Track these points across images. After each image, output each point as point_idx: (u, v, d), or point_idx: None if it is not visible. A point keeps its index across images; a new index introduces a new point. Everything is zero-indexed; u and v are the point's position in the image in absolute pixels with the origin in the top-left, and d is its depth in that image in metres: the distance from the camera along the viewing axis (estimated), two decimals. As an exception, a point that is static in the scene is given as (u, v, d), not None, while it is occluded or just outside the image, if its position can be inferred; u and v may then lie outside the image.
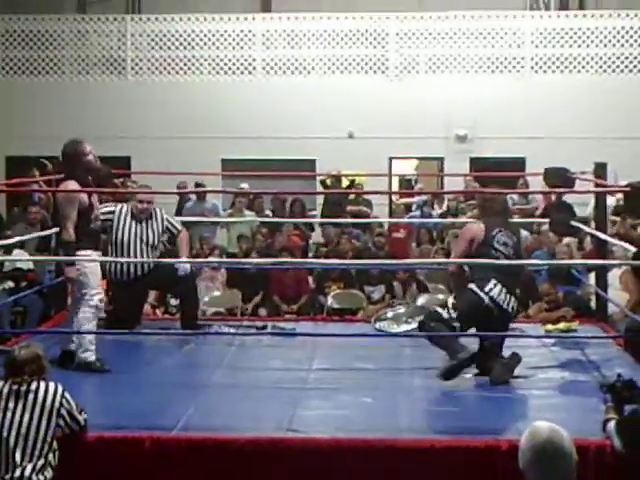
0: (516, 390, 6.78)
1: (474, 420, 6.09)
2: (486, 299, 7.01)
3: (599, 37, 17.16)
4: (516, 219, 13.44)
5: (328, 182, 15.34)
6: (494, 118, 16.70)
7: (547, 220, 10.03)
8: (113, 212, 8.58)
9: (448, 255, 11.00)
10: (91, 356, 7.23)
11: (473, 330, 7.23)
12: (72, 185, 7.29)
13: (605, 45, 17.18)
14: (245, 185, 14.95)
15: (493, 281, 7.03)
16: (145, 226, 8.59)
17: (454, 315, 7.00)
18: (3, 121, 17.21)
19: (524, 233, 13.11)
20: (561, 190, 9.48)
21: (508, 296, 7.09)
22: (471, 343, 7.10)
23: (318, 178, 15.80)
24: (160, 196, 10.80)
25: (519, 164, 16.16)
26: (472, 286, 7.08)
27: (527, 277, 10.89)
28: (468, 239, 7.30)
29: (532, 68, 17.30)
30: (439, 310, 7.12)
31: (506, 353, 7.14)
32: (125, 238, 8.51)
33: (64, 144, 7.54)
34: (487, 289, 7.02)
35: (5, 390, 5.25)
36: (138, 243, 8.52)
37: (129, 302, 8.55)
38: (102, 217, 7.99)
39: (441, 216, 14.26)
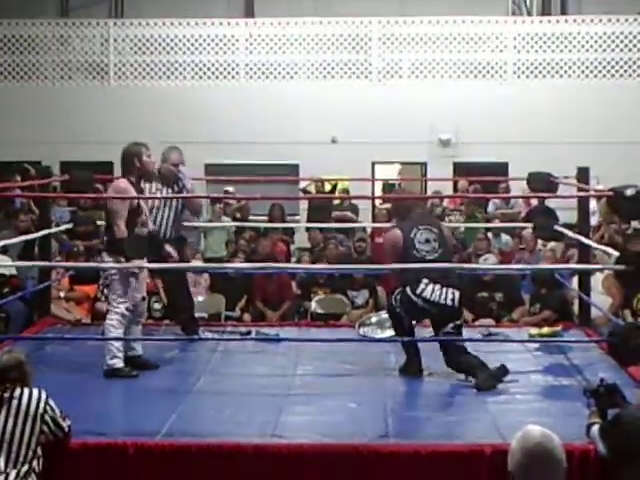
0: (500, 395, 6.78)
1: (458, 425, 6.10)
2: (419, 302, 7.13)
3: (581, 42, 17.24)
4: (499, 223, 13.62)
5: (312, 188, 15.32)
6: (477, 123, 16.75)
7: (530, 225, 10.06)
8: None
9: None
10: (119, 362, 7.21)
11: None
12: (122, 183, 7.34)
13: (587, 50, 17.26)
14: (230, 188, 14.90)
15: (424, 281, 7.13)
16: (171, 190, 8.48)
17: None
18: (-15, 126, 17.18)
19: (505, 237, 13.18)
20: (544, 195, 9.52)
21: (444, 290, 7.17)
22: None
23: (301, 184, 15.77)
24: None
25: (502, 169, 16.21)
26: (407, 290, 7.18)
27: (510, 281, 10.96)
28: (391, 247, 7.41)
29: (514, 73, 17.36)
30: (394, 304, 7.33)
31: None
32: (151, 202, 8.26)
33: (126, 145, 7.53)
34: (419, 291, 7.13)
35: (-12, 396, 5.24)
36: (162, 207, 8.39)
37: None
38: None
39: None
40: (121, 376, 7.17)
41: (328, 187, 15.52)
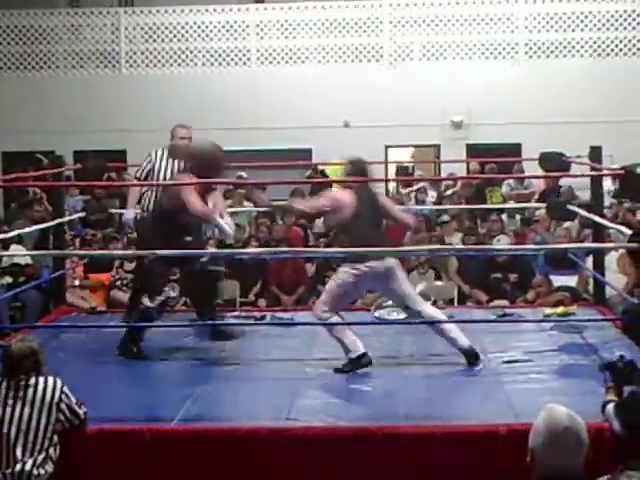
0: (515, 375, 6.78)
1: (473, 405, 6.09)
2: None
3: (593, 21, 17.15)
4: (513, 204, 13.58)
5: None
6: (489, 104, 16.69)
7: (544, 205, 10.03)
8: (150, 160, 8.36)
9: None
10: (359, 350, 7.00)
11: None
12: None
13: (599, 29, 17.17)
14: (243, 174, 14.86)
15: None
16: (182, 164, 8.21)
17: None
18: (-2, 116, 17.21)
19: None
20: (556, 174, 9.48)
21: None
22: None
23: (310, 170, 15.66)
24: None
25: (515, 149, 16.14)
26: None
27: (524, 262, 10.95)
28: None
29: (526, 53, 17.29)
30: None
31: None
32: (167, 177, 8.18)
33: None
34: None
35: (4, 386, 5.26)
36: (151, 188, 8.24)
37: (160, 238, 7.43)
38: (144, 174, 8.20)
39: (434, 203, 14.19)
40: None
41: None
